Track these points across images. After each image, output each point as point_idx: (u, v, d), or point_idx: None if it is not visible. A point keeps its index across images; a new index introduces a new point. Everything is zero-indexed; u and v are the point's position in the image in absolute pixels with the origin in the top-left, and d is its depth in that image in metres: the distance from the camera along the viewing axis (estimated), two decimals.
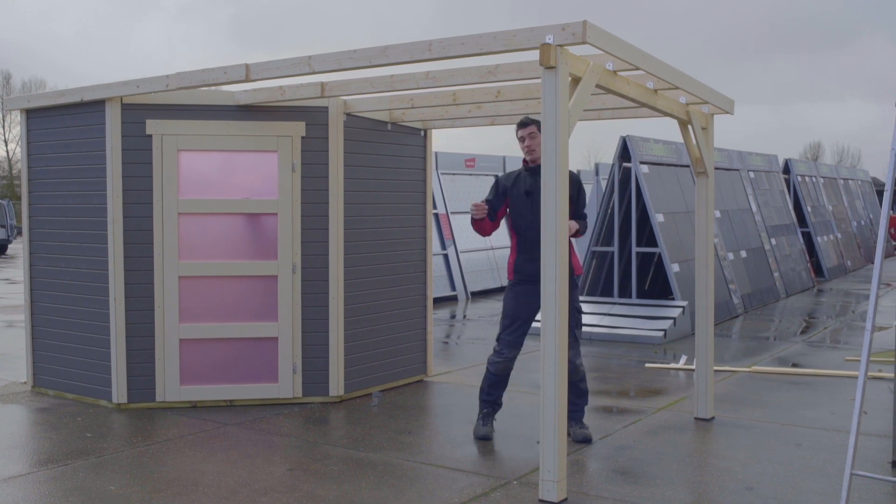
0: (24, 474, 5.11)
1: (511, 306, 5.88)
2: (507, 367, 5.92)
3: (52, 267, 7.18)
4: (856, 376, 7.78)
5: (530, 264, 5.70)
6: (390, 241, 7.43)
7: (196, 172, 6.72)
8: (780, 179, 17.48)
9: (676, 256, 11.35)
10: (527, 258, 5.75)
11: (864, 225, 23.32)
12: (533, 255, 5.63)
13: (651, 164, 11.84)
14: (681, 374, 8.33)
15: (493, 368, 5.93)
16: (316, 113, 6.79)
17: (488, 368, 5.98)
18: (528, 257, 5.72)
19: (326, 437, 5.95)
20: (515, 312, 5.85)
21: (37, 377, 7.36)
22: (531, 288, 5.71)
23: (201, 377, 6.76)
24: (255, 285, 6.80)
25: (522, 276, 5.82)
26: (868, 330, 4.14)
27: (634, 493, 4.81)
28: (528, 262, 5.73)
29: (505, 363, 5.90)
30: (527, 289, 5.78)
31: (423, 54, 4.97)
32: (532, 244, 5.64)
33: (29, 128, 7.31)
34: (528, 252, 5.72)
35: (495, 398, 6.01)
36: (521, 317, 5.85)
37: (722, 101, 6.38)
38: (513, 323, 5.86)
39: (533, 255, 5.63)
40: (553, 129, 4.48)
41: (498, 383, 5.98)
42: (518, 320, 5.85)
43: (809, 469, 5.25)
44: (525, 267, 5.79)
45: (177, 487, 4.85)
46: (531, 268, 5.67)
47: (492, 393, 6.00)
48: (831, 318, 12.35)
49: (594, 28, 4.45)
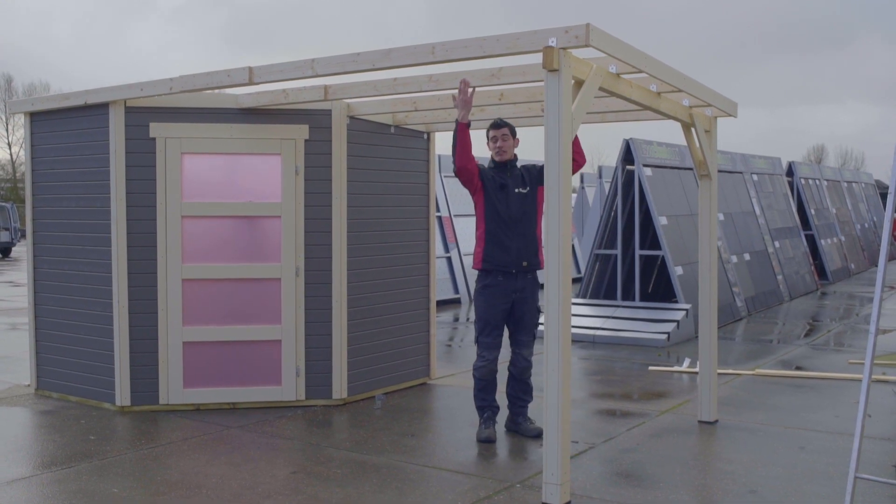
0: (27, 477, 5.12)
1: (483, 309, 5.92)
2: (491, 369, 5.96)
3: (56, 270, 7.19)
4: (860, 379, 7.77)
5: (499, 252, 5.80)
6: (393, 243, 7.43)
7: (199, 175, 6.73)
8: (783, 182, 17.47)
9: (679, 259, 11.34)
10: (496, 246, 5.82)
11: (867, 228, 23.28)
12: (502, 244, 5.79)
13: (654, 166, 11.84)
14: (684, 377, 8.32)
15: (478, 374, 5.99)
16: (319, 116, 6.80)
17: (474, 375, 6.03)
18: (498, 245, 5.80)
19: (330, 440, 5.95)
20: (487, 315, 5.89)
21: (40, 380, 7.37)
22: (501, 287, 5.83)
23: (204, 380, 6.76)
24: (258, 288, 6.80)
25: (492, 264, 5.84)
26: (872, 333, 4.13)
27: (637, 496, 4.80)
28: (498, 250, 5.81)
29: (488, 366, 5.94)
30: (497, 289, 5.85)
31: (427, 57, 4.97)
32: (502, 232, 5.78)
33: (33, 131, 7.33)
34: (498, 240, 5.81)
35: (489, 402, 6.03)
36: (493, 319, 5.90)
37: (725, 103, 6.37)
38: (486, 326, 5.90)
39: (502, 243, 5.79)
40: (556, 131, 4.48)
41: (486, 387, 6.01)
42: (491, 323, 5.90)
43: (813, 472, 5.24)
44: (494, 254, 5.83)
45: (180, 490, 4.85)
46: (500, 256, 5.80)
47: (484, 398, 6.03)
48: (835, 321, 12.33)
49: (597, 31, 4.45)
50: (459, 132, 5.65)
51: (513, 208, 5.82)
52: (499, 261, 5.83)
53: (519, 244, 5.82)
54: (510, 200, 5.82)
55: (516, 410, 6.11)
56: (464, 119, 5.59)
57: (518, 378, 6.05)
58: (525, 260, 5.85)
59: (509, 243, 5.81)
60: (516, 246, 5.82)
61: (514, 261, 5.83)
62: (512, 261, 5.82)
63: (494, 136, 5.94)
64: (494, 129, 5.95)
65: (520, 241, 5.82)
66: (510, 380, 6.10)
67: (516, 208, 5.83)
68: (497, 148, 5.94)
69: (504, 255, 5.81)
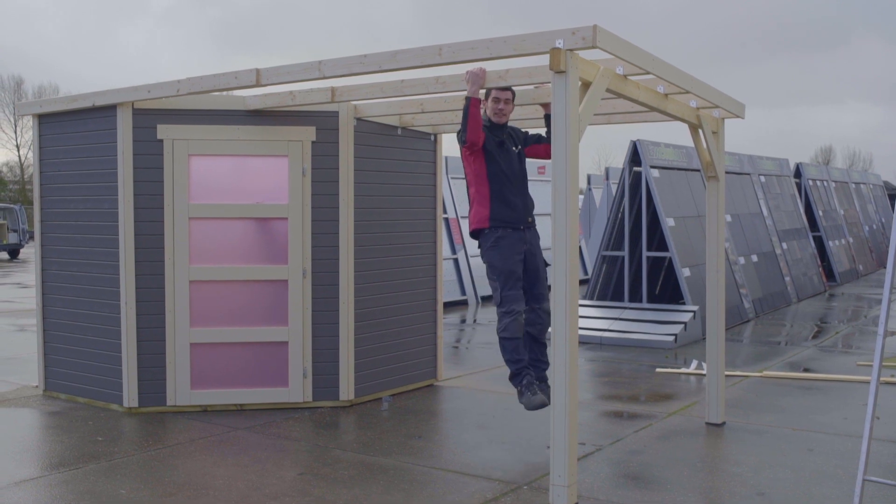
0: (35, 478, 5.13)
1: (500, 262, 5.66)
2: (521, 322, 5.61)
3: (64, 271, 7.21)
4: (868, 381, 7.74)
5: (507, 209, 5.71)
6: (400, 245, 7.43)
7: (206, 177, 6.75)
8: (791, 183, 17.42)
9: (687, 261, 11.32)
10: (503, 204, 5.72)
11: (875, 229, 23.21)
12: (509, 201, 5.71)
13: (661, 168, 11.82)
14: (692, 378, 8.31)
15: (508, 333, 5.60)
16: (326, 118, 6.80)
17: (503, 336, 5.63)
18: (505, 203, 5.72)
19: (337, 442, 5.95)
20: (507, 266, 5.64)
21: (48, 381, 7.39)
22: (512, 238, 5.71)
23: (212, 381, 6.77)
24: (265, 289, 6.81)
25: (500, 221, 5.68)
26: (880, 335, 4.12)
27: (645, 497, 4.79)
28: (505, 208, 5.72)
29: (518, 319, 5.59)
30: (508, 241, 5.68)
31: (434, 59, 4.98)
32: (506, 190, 5.71)
33: (41, 133, 7.35)
34: (504, 198, 5.72)
35: (526, 361, 5.67)
36: (514, 270, 5.66)
37: (732, 105, 6.36)
38: (509, 278, 5.63)
39: (509, 200, 5.71)
40: (563, 133, 4.48)
41: (519, 346, 5.64)
42: (513, 274, 5.65)
43: (821, 475, 5.22)
44: (501, 212, 5.71)
45: (187, 491, 4.86)
46: (508, 213, 5.71)
47: (520, 359, 5.64)
48: (843, 323, 12.29)
49: (604, 32, 4.45)
50: (471, 108, 5.55)
51: (514, 166, 5.79)
52: (507, 218, 5.71)
53: (522, 201, 5.76)
54: (510, 159, 5.78)
55: (539, 375, 5.75)
56: (475, 94, 5.55)
57: (537, 338, 5.77)
58: (529, 216, 5.82)
59: (514, 199, 5.74)
60: (521, 203, 5.77)
61: (521, 217, 5.75)
62: (519, 217, 5.74)
63: (497, 98, 5.76)
64: (499, 91, 5.76)
65: (522, 199, 5.76)
66: (529, 341, 5.76)
67: (516, 166, 5.80)
68: (499, 110, 5.77)
69: (512, 212, 5.72)
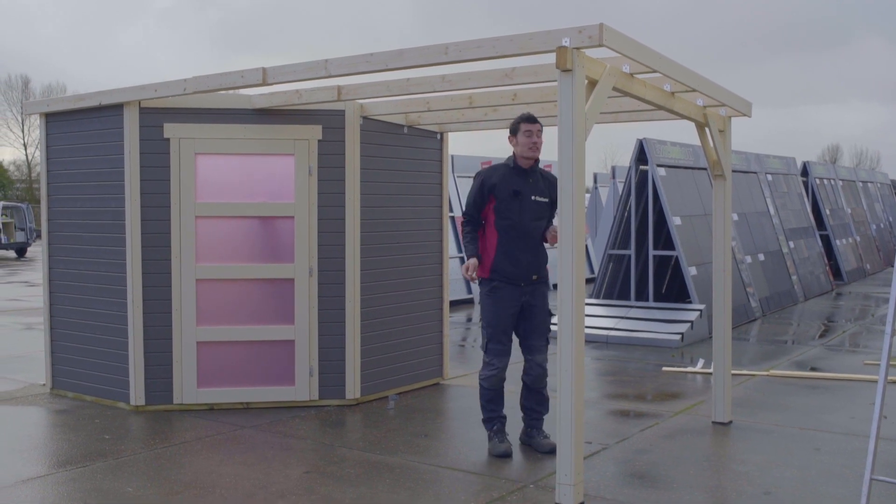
0: (42, 475, 5.15)
1: (491, 313, 5.55)
2: (501, 377, 5.61)
3: (71, 270, 7.23)
4: (875, 380, 7.71)
5: (510, 265, 5.50)
6: (407, 243, 7.43)
7: (213, 176, 6.76)
8: (797, 182, 17.37)
9: (693, 259, 11.30)
10: (507, 258, 5.51)
11: (883, 228, 23.13)
12: (514, 257, 5.50)
13: (668, 166, 11.80)
14: (698, 377, 8.29)
15: (487, 383, 5.62)
16: (332, 116, 6.81)
17: (481, 384, 5.65)
18: (509, 258, 5.51)
19: (343, 440, 5.96)
20: (496, 320, 5.53)
21: (55, 379, 7.41)
22: (510, 291, 5.53)
23: (218, 380, 6.78)
24: (271, 288, 6.82)
25: (500, 275, 5.51)
26: (888, 334, 4.10)
27: (651, 496, 4.78)
28: (508, 263, 5.51)
29: (498, 374, 5.58)
30: (505, 293, 5.52)
31: (440, 57, 4.97)
32: (514, 245, 5.50)
33: (48, 132, 7.37)
34: (509, 253, 5.51)
35: (498, 413, 5.68)
36: (503, 324, 5.54)
37: (739, 103, 6.34)
38: (496, 331, 5.53)
39: (514, 256, 5.50)
40: (570, 131, 4.47)
41: (495, 398, 5.65)
42: (500, 328, 5.53)
43: (828, 474, 5.21)
44: (504, 267, 5.50)
45: (194, 490, 4.87)
46: (510, 269, 5.50)
47: (494, 409, 5.67)
48: (850, 322, 12.26)
49: (611, 31, 4.44)
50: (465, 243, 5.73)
51: (526, 218, 5.52)
52: (509, 274, 5.51)
53: (530, 258, 5.54)
54: (524, 209, 5.51)
55: (531, 423, 5.75)
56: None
57: (532, 388, 5.69)
58: (535, 273, 5.58)
59: (520, 256, 5.51)
60: (527, 259, 5.53)
61: (524, 274, 5.53)
62: (521, 274, 5.52)
63: (529, 131, 5.48)
64: (529, 123, 5.49)
65: (531, 255, 5.54)
66: (524, 390, 5.74)
67: (530, 219, 5.53)
68: (533, 143, 5.47)
69: (514, 269, 5.50)
